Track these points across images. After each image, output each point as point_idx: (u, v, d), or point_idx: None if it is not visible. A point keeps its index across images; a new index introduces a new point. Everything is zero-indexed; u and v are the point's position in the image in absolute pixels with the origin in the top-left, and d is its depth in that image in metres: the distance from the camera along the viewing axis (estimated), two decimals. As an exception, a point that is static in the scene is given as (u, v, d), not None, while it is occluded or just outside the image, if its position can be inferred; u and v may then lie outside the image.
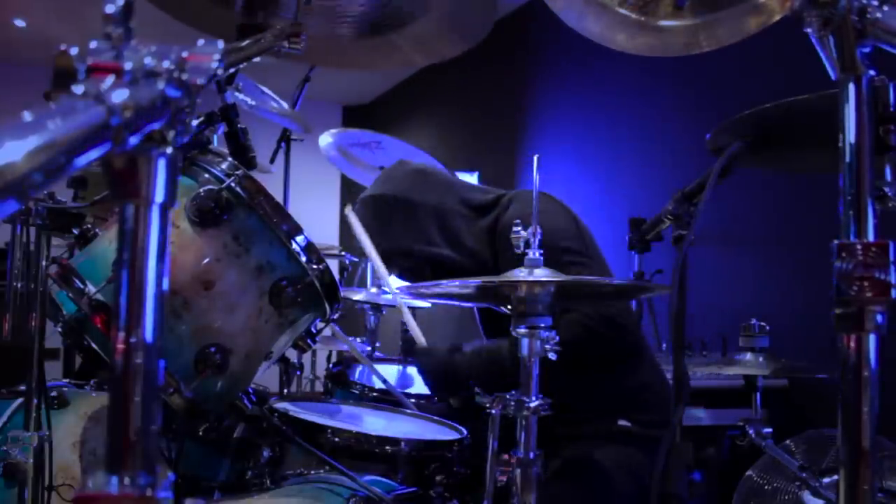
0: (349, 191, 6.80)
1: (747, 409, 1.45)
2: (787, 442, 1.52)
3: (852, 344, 0.68)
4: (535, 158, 1.36)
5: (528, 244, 1.29)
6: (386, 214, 1.91)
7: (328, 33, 1.49)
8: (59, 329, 1.24)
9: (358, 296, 2.67)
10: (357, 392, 2.02)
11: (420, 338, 1.94)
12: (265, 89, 2.91)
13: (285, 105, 2.97)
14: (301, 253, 1.24)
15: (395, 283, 2.00)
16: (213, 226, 1.20)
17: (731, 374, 1.61)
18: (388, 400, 1.93)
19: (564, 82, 4.17)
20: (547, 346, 1.26)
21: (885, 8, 0.69)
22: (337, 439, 1.43)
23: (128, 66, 0.51)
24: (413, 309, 3.14)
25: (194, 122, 0.60)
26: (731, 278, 1.79)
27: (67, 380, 1.78)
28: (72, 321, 1.20)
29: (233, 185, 1.21)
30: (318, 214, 6.03)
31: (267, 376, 1.44)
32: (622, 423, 1.75)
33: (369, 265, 3.15)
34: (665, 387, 1.82)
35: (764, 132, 1.14)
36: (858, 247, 0.68)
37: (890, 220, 0.72)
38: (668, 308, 1.00)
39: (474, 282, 1.35)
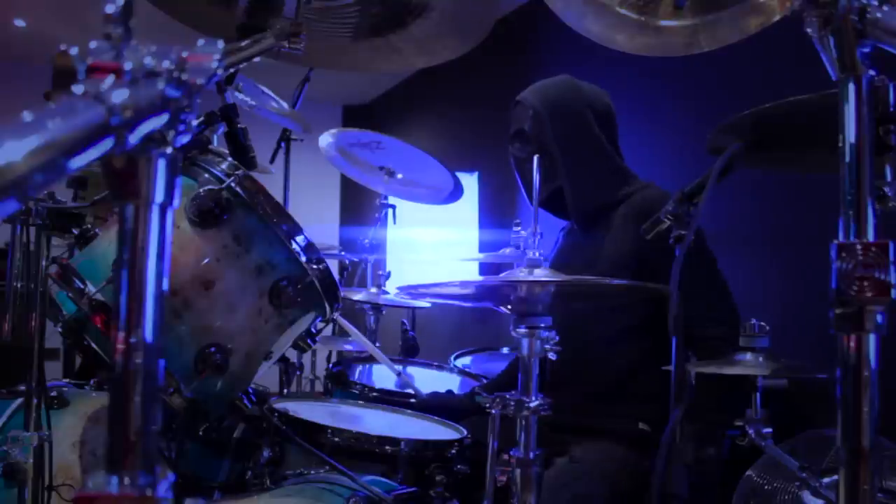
0: (349, 191, 6.80)
1: (747, 409, 1.45)
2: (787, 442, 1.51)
3: (852, 344, 0.68)
4: (535, 158, 1.36)
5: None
6: (562, 101, 2.05)
7: (328, 34, 1.49)
8: (59, 329, 1.24)
9: (358, 296, 2.66)
10: (357, 392, 2.02)
11: None
12: (265, 89, 2.90)
13: (285, 105, 2.97)
14: (301, 253, 1.24)
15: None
16: (213, 226, 1.20)
17: (731, 375, 1.60)
18: (388, 400, 1.93)
19: (564, 82, 4.16)
20: (546, 346, 1.26)
21: (885, 8, 0.69)
22: (337, 439, 1.44)
23: (128, 66, 0.51)
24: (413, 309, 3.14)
25: (194, 122, 0.60)
26: (730, 278, 1.80)
27: (67, 380, 1.79)
28: (72, 321, 1.20)
29: (233, 185, 1.21)
30: (318, 214, 6.03)
31: (267, 376, 1.44)
32: (643, 426, 1.74)
33: (369, 265, 3.15)
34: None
35: (764, 132, 1.14)
36: (858, 247, 0.67)
37: (890, 220, 0.72)
38: (668, 308, 1.00)
39: (474, 282, 1.35)
